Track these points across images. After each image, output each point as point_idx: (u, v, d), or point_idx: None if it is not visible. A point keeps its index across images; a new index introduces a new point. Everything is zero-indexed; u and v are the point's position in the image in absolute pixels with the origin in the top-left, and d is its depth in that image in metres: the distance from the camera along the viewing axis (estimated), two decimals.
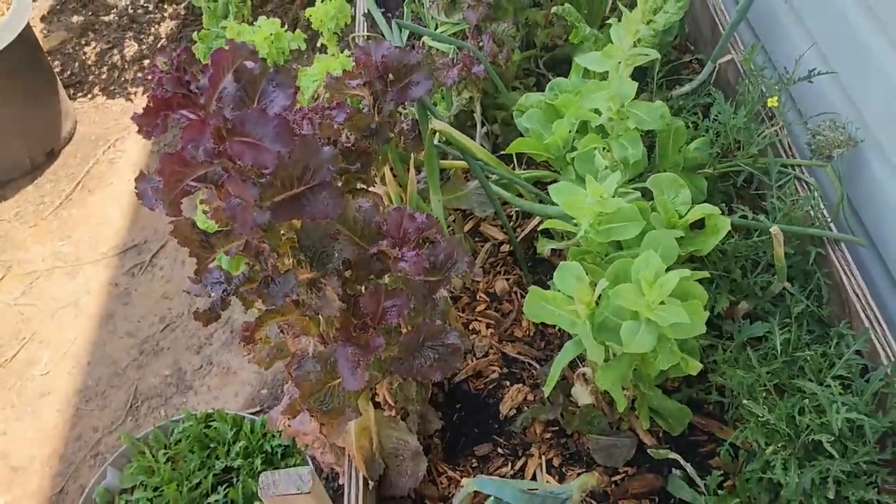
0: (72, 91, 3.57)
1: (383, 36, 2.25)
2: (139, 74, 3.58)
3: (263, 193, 1.14)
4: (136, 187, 1.13)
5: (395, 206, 1.50)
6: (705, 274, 1.47)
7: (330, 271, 1.23)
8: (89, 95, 3.57)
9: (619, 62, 1.52)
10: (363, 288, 1.35)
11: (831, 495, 1.39)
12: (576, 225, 1.50)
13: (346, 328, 1.29)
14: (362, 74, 1.60)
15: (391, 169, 1.81)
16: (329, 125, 1.40)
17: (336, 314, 1.24)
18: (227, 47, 1.03)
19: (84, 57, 3.71)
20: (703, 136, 1.90)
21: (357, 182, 1.55)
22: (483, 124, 2.19)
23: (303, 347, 1.37)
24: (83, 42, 3.78)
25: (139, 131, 1.01)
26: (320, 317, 1.41)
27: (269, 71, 1.16)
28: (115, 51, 3.70)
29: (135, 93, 3.54)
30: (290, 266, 1.27)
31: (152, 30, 3.74)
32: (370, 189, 1.63)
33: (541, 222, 1.85)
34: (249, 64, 1.15)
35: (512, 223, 2.15)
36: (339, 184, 1.53)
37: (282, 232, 1.27)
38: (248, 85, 1.14)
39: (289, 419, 1.43)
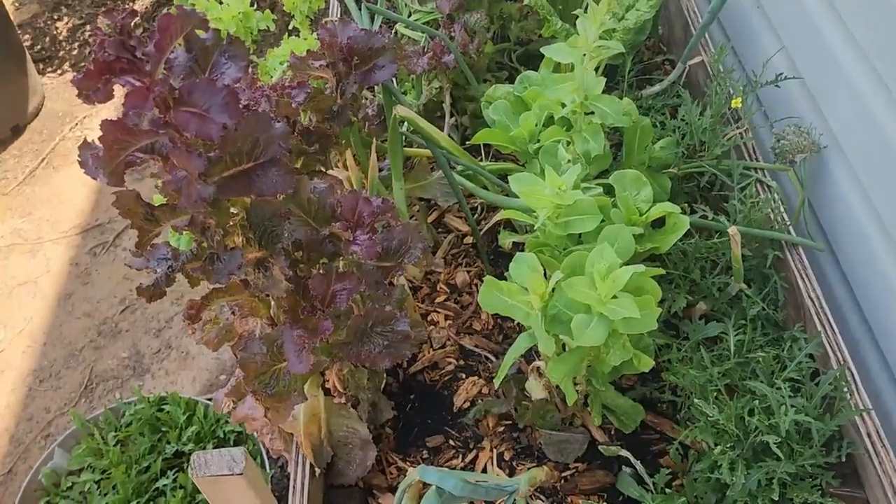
0: (41, 66, 3.50)
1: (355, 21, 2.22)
2: None
3: (212, 168, 1.11)
4: (78, 155, 1.10)
5: (352, 189, 1.48)
6: (660, 270, 1.46)
7: (278, 251, 1.20)
8: (59, 71, 3.50)
9: (585, 54, 1.51)
10: (315, 270, 1.33)
11: (776, 497, 1.39)
12: (535, 217, 1.49)
13: (295, 310, 1.27)
14: (326, 55, 1.57)
15: (354, 154, 1.78)
16: (287, 103, 1.38)
17: (282, 295, 1.22)
18: (175, 13, 1.00)
19: (56, 32, 3.64)
20: (670, 136, 1.89)
21: (316, 164, 1.52)
22: (452, 115, 2.18)
23: (250, 329, 1.35)
24: (55, 17, 3.71)
25: (79, 95, 0.98)
26: (271, 298, 1.39)
27: (222, 42, 1.13)
28: (88, 27, 3.64)
29: None
30: (239, 244, 1.24)
31: (127, 6, 3.68)
32: (329, 172, 1.61)
33: None
34: (203, 34, 1.13)
35: (477, 215, 2.13)
36: (298, 165, 1.50)
37: (233, 210, 1.25)
38: (201, 55, 1.12)
39: (233, 402, 1.40)
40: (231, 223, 1.23)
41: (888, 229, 1.56)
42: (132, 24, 1.05)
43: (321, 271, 1.28)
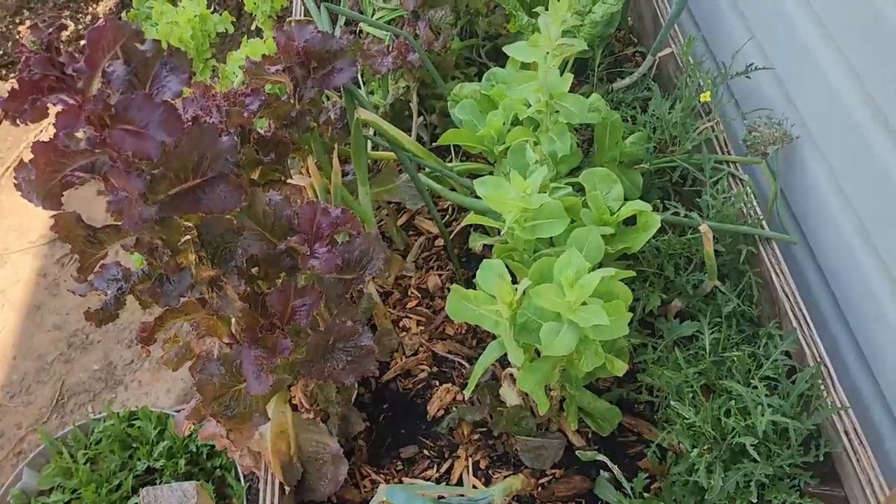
0: (3, 71, 3.42)
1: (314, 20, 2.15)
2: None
3: (157, 186, 1.06)
4: (14, 178, 1.05)
5: (309, 199, 1.43)
6: (631, 273, 1.42)
7: (231, 269, 1.16)
8: None
9: (548, 53, 1.47)
10: (273, 286, 1.28)
11: (754, 499, 1.36)
12: (502, 221, 1.45)
13: (252, 329, 1.22)
14: (283, 59, 1.52)
15: (317, 160, 1.73)
16: (239, 112, 1.32)
17: (237, 314, 1.17)
18: (105, 25, 0.94)
19: (18, 36, 3.55)
20: (641, 130, 1.86)
21: (274, 173, 1.47)
22: (421, 114, 2.13)
23: (207, 349, 1.30)
24: (17, 21, 3.62)
25: (5, 117, 0.93)
26: (231, 317, 1.34)
27: (163, 53, 1.08)
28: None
29: None
30: (191, 263, 1.19)
31: (90, 9, 3.59)
32: (289, 181, 1.56)
33: None
34: (142, 46, 1.07)
35: (448, 217, 2.09)
36: (255, 175, 1.45)
37: (188, 225, 1.20)
38: (140, 68, 1.07)
39: (194, 424, 1.36)
40: (183, 241, 1.18)
41: (861, 219, 1.53)
42: (62, 38, 0.99)
43: (279, 287, 1.23)
